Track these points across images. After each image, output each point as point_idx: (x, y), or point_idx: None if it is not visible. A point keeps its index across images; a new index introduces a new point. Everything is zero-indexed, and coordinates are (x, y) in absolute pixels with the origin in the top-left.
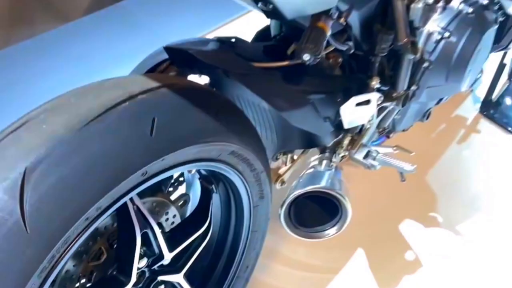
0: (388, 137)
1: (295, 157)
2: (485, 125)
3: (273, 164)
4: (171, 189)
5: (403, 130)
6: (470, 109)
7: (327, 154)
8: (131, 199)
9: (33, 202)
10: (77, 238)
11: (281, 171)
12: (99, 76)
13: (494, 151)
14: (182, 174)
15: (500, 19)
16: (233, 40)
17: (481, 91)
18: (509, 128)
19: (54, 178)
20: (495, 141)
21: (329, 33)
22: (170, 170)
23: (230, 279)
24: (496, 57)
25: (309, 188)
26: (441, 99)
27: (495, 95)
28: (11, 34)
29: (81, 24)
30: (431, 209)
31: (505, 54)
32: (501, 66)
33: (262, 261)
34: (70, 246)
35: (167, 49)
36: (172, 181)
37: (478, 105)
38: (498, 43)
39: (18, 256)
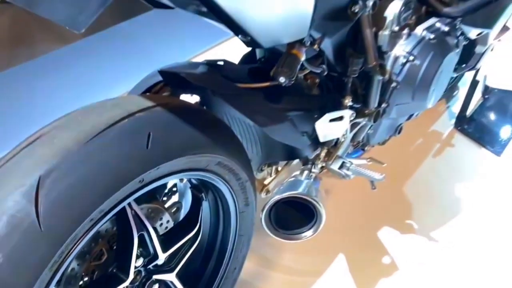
0: (363, 150)
1: (279, 168)
2: (460, 139)
3: (258, 175)
4: (165, 198)
5: (380, 144)
6: (445, 124)
7: (307, 165)
8: (130, 205)
9: (46, 205)
10: (83, 237)
11: (266, 181)
12: (98, 95)
13: (468, 163)
14: (175, 185)
15: (464, 42)
16: (221, 62)
17: (456, 108)
18: (482, 142)
19: (64, 185)
20: (468, 154)
21: (302, 58)
22: (164, 178)
23: (219, 280)
24: (470, 75)
25: (287, 194)
26: (411, 115)
27: (469, 111)
28: (13, 56)
29: (80, 45)
30: (408, 217)
31: (477, 72)
32: (474, 84)
33: (249, 265)
34: (77, 243)
35: (161, 72)
36: (166, 191)
37: (453, 120)
38: (466, 63)
39: (33, 250)
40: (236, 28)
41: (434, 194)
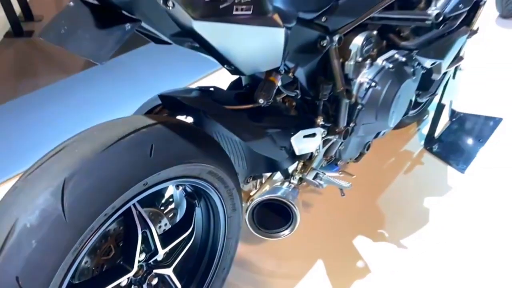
0: (336, 165)
1: (263, 181)
2: (428, 158)
3: (245, 187)
4: (162, 208)
5: (354, 161)
6: (416, 145)
7: (287, 178)
8: (135, 206)
9: (70, 202)
10: (98, 229)
11: (251, 193)
12: (98, 121)
13: (435, 179)
14: (171, 196)
15: (422, 71)
16: (212, 89)
17: (426, 130)
18: (448, 161)
19: (84, 186)
20: (436, 172)
21: (278, 84)
22: (164, 182)
23: (210, 278)
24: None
25: (268, 196)
26: (378, 134)
27: (437, 133)
28: (19, 86)
29: (81, 76)
30: (380, 227)
31: (441, 97)
32: (439, 108)
33: (236, 270)
34: (93, 234)
35: (161, 96)
36: (164, 200)
37: (423, 141)
38: (428, 89)
39: (60, 237)
40: (222, 59)
41: (404, 206)
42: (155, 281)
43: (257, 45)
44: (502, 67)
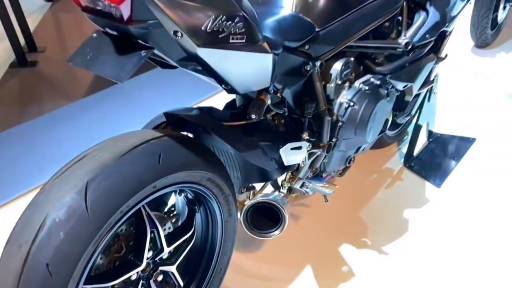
0: (322, 177)
1: (256, 192)
2: (408, 174)
3: (239, 197)
4: (166, 214)
5: (339, 175)
6: (396, 162)
7: (278, 188)
8: (144, 207)
9: (92, 200)
10: (115, 224)
11: (245, 202)
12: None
13: (414, 194)
14: (173, 205)
15: (396, 93)
16: (210, 108)
17: (406, 149)
18: (426, 177)
19: (103, 186)
20: (414, 187)
21: (268, 102)
22: (170, 186)
23: (209, 278)
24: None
25: (260, 199)
26: (358, 148)
27: (416, 152)
28: (24, 113)
29: (84, 102)
30: (363, 236)
31: (418, 118)
32: (416, 128)
33: (231, 274)
34: (110, 229)
35: (165, 114)
36: (167, 208)
37: (403, 159)
38: (403, 110)
39: (83, 230)
40: (220, 80)
41: (386, 218)
42: (160, 278)
43: (249, 68)
44: (476, 92)
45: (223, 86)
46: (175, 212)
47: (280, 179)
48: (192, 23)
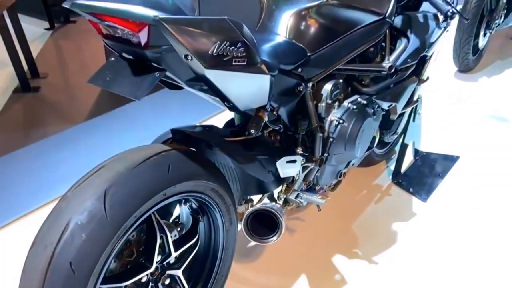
0: (315, 189)
1: (254, 204)
2: (396, 190)
3: (239, 209)
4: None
5: (331, 190)
6: (385, 179)
7: (274, 200)
8: (154, 214)
9: (110, 205)
10: (130, 227)
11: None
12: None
13: (401, 208)
14: (178, 217)
15: (382, 112)
16: (211, 126)
17: (393, 167)
18: (413, 192)
19: (120, 193)
20: (402, 201)
21: (265, 119)
22: (177, 195)
23: (211, 284)
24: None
25: (259, 206)
26: (348, 163)
27: (404, 169)
28: (28, 136)
29: (86, 126)
30: (354, 247)
31: (404, 138)
32: (402, 147)
33: (231, 283)
34: (126, 232)
35: (172, 130)
36: (172, 219)
37: (391, 176)
38: (390, 129)
39: (103, 232)
40: (224, 98)
41: (375, 230)
42: (167, 281)
43: (249, 87)
44: (460, 114)
45: (225, 103)
46: (179, 222)
47: (276, 192)
48: (201, 48)
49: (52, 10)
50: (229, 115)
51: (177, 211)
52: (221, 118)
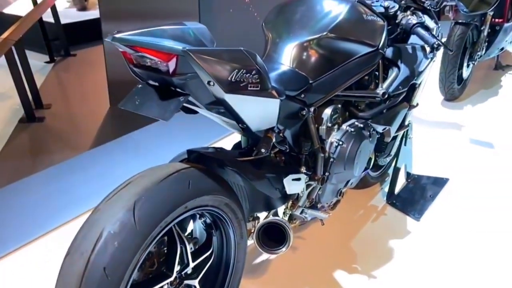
0: (317, 207)
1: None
2: (390, 210)
3: (247, 226)
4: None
5: (331, 209)
6: (380, 200)
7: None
8: (175, 226)
9: (139, 216)
10: (156, 236)
11: (252, 230)
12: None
13: (395, 226)
14: (191, 232)
15: (377, 135)
16: (221, 148)
17: (387, 188)
18: (406, 212)
19: (147, 205)
20: (396, 220)
21: (274, 139)
22: (196, 208)
23: None
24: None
25: (270, 219)
26: (348, 182)
27: (397, 190)
28: (35, 164)
29: (93, 153)
30: (354, 263)
31: (396, 161)
32: (395, 170)
33: None
34: (152, 240)
35: (188, 150)
36: (187, 234)
37: (385, 197)
38: (384, 152)
39: (133, 241)
40: (239, 119)
41: (372, 247)
42: None
43: (261, 110)
44: (447, 139)
45: (240, 125)
46: (193, 237)
47: (281, 210)
48: (221, 75)
49: (53, 44)
50: (229, 141)
51: (190, 226)
52: (220, 144)
